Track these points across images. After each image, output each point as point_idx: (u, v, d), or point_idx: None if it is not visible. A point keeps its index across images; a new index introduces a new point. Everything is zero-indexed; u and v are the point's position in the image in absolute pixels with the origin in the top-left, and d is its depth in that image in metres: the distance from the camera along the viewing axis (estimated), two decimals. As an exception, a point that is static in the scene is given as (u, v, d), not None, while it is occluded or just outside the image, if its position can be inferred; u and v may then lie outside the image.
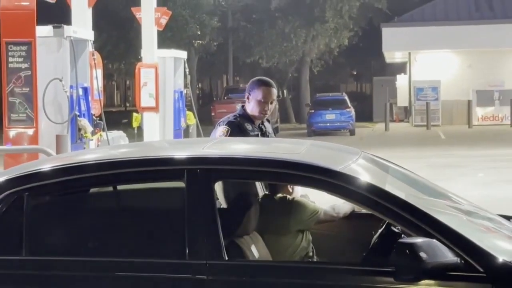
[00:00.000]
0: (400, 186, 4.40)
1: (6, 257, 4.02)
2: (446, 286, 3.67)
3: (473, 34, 34.97)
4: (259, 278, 3.89)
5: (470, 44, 35.53)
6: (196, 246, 3.87)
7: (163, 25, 20.00)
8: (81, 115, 12.90)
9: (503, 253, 3.81)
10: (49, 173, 4.25)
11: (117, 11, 36.41)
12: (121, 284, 3.92)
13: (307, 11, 38.57)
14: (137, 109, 19.09)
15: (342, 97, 35.42)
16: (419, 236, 3.73)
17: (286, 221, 4.95)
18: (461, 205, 4.61)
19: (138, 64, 19.05)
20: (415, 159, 18.82)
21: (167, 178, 4.27)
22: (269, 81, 6.09)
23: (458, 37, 35.23)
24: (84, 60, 13.41)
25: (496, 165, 17.86)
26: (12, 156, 11.24)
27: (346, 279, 3.84)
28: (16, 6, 12.07)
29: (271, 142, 5.59)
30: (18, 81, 12.14)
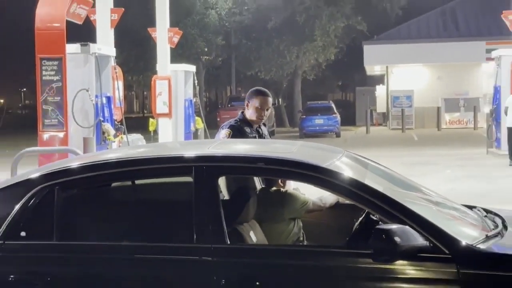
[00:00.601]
0: (378, 180, 4.40)
1: (40, 241, 4.02)
2: (417, 266, 3.66)
3: (441, 50, 34.97)
4: (257, 260, 3.88)
5: (439, 59, 35.54)
6: (203, 232, 3.86)
7: (175, 43, 20.06)
8: (105, 120, 12.91)
9: (466, 238, 3.82)
10: (76, 169, 4.26)
11: (136, 31, 36.38)
12: (138, 264, 3.91)
13: (299, 31, 38.54)
14: (153, 115, 19.13)
15: (329, 104, 35.39)
16: (394, 223, 3.73)
17: (280, 210, 4.95)
18: (431, 197, 4.61)
19: (154, 77, 19.08)
20: (392, 157, 18.83)
21: (178, 174, 4.27)
22: (265, 91, 6.08)
23: (429, 53, 35.23)
24: (107, 73, 13.43)
25: (461, 163, 17.87)
26: (45, 156, 11.25)
27: (332, 260, 3.84)
28: (48, 27, 12.07)
29: (267, 143, 5.60)
30: (50, 91, 12.14)
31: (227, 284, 3.74)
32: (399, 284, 3.67)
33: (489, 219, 4.43)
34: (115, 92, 13.67)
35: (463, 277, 3.60)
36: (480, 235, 3.94)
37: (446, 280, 3.62)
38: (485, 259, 3.68)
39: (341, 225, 5.02)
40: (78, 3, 12.73)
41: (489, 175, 15.15)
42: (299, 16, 38.00)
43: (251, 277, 3.77)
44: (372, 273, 3.70)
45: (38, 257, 3.96)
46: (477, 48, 34.37)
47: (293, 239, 4.93)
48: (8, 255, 3.95)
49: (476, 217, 4.45)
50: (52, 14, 12.12)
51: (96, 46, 12.93)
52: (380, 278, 3.69)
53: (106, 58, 13.36)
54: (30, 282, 3.87)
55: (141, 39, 35.70)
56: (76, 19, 12.85)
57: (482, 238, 3.89)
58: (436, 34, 36.99)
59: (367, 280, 3.71)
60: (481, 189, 12.98)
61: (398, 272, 3.67)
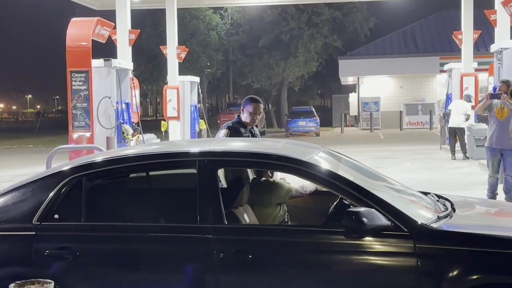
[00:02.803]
0: (350, 171, 4.40)
1: (70, 222, 4.02)
2: (381, 241, 3.68)
3: (403, 64, 35.00)
4: (249, 237, 3.89)
5: (401, 71, 35.59)
6: (205, 214, 3.87)
7: (183, 58, 20.02)
8: (124, 122, 12.88)
9: (421, 218, 3.84)
10: (100, 163, 4.26)
11: (150, 48, 36.34)
12: (151, 241, 3.90)
13: (285, 48, 38.53)
14: (165, 118, 19.08)
15: (310, 109, 35.34)
16: (362, 207, 3.75)
17: (268, 197, 4.94)
18: (393, 185, 4.62)
19: (165, 86, 19.05)
20: (362, 152, 18.84)
21: (184, 166, 4.27)
22: (257, 99, 6.06)
23: (392, 66, 35.27)
24: (126, 83, 13.40)
25: (419, 157, 17.90)
26: (74, 152, 11.23)
27: (311, 237, 3.85)
28: (77, 45, 12.05)
29: (258, 141, 5.60)
30: (79, 99, 12.12)
31: (224, 257, 3.74)
32: (366, 256, 3.69)
33: (440, 203, 4.45)
34: (132, 99, 13.64)
35: (419, 250, 3.62)
36: (433, 216, 3.97)
37: (404, 253, 3.64)
38: (437, 236, 3.70)
39: (319, 208, 5.02)
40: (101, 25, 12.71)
41: (440, 167, 15.18)
42: (285, 36, 38.00)
43: (245, 251, 3.77)
44: (344, 248, 3.71)
45: (69, 236, 3.96)
46: (432, 62, 34.42)
47: (279, 220, 4.93)
48: (44, 234, 3.95)
49: (430, 201, 4.47)
50: (80, 35, 12.10)
51: (116, 61, 12.91)
52: (351, 251, 3.70)
53: (125, 71, 13.34)
54: (62, 257, 3.87)
55: (154, 55, 35.70)
56: (100, 39, 12.83)
57: (434, 219, 3.91)
58: (398, 50, 37.00)
59: (340, 253, 3.73)
60: (434, 178, 13.01)
61: (365, 246, 3.68)
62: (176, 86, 18.58)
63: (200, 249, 3.80)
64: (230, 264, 3.76)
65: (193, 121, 19.31)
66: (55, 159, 8.69)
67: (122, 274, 3.87)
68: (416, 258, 3.60)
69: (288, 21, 37.93)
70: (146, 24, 35.20)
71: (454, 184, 12.05)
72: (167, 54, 19.15)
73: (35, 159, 18.54)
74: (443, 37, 35.52)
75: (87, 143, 11.76)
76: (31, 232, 3.94)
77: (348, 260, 3.71)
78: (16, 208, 4.06)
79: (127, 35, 14.89)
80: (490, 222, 4.42)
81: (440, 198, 4.61)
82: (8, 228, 3.99)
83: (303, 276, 3.75)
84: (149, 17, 35.93)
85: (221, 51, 40.28)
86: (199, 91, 19.92)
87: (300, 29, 37.84)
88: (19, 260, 3.90)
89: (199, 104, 20.12)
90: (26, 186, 4.15)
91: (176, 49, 19.07)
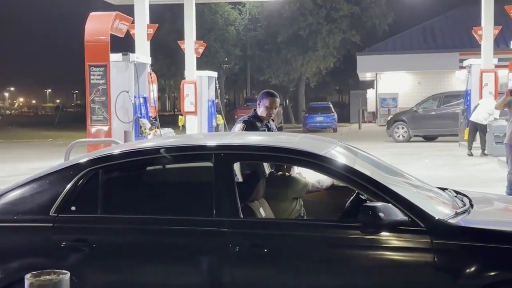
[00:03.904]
0: (366, 166, 4.36)
1: (87, 214, 4.03)
2: (398, 237, 3.65)
3: (422, 60, 34.75)
4: (265, 231, 3.87)
5: (419, 67, 35.33)
6: (221, 208, 3.86)
7: (200, 53, 20.05)
8: (142, 116, 12.93)
9: (439, 214, 3.81)
10: (117, 156, 4.26)
11: (168, 43, 36.44)
12: (167, 234, 3.91)
13: (303, 43, 38.45)
14: (182, 113, 19.12)
15: (328, 105, 35.26)
16: (379, 202, 3.72)
17: (285, 191, 4.92)
18: (411, 180, 4.58)
19: (182, 81, 19.08)
20: (380, 148, 18.76)
21: (200, 159, 4.25)
22: (274, 93, 6.05)
23: (411, 62, 35.03)
24: (144, 78, 13.45)
25: (437, 153, 17.78)
26: (92, 146, 11.30)
27: (327, 231, 3.82)
28: (96, 39, 12.11)
29: (274, 135, 5.59)
30: (97, 93, 12.19)
31: (240, 251, 3.74)
32: (382, 251, 3.66)
33: (458, 199, 4.40)
34: (150, 93, 13.68)
35: (436, 246, 3.59)
36: (451, 212, 3.93)
37: (421, 248, 3.61)
38: (454, 232, 3.67)
39: (335, 203, 5.00)
40: (120, 20, 12.75)
41: (459, 163, 15.07)
42: (303, 31, 37.90)
43: (260, 245, 3.76)
44: (360, 243, 3.69)
45: (85, 228, 3.97)
46: (452, 58, 34.13)
47: (295, 215, 4.91)
48: (61, 226, 3.96)
49: (448, 197, 4.42)
50: (98, 29, 12.16)
51: (135, 55, 12.96)
52: (367, 246, 3.68)
53: (143, 65, 13.38)
54: (78, 248, 3.88)
55: (172, 50, 35.77)
56: (118, 33, 12.88)
57: (452, 214, 3.87)
58: (417, 46, 36.74)
59: (356, 248, 3.70)
60: (453, 175, 12.91)
61: (382, 242, 3.66)
62: (194, 81, 18.60)
63: (216, 243, 3.80)
64: (245, 258, 3.75)
65: (210, 116, 19.33)
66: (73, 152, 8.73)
67: (137, 267, 3.88)
68: (432, 254, 3.57)
69: (306, 16, 37.82)
70: (164, 19, 35.29)
71: (472, 180, 11.95)
72: (185, 49, 19.18)
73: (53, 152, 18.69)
74: (462, 32, 35.16)
75: (105, 137, 11.83)
76: (48, 223, 3.96)
77: (364, 255, 3.68)
78: (33, 200, 4.08)
79: (145, 29, 14.95)
80: (509, 219, 4.38)
81: (458, 194, 4.57)
82: (26, 219, 4.01)
83: (318, 270, 3.74)
84: (167, 12, 36.03)
85: (239, 46, 40.33)
86: (216, 86, 19.93)
87: (318, 24, 37.73)
88: (36, 251, 3.92)
89: (217, 99, 20.13)
90: (43, 178, 4.17)
91: (194, 44, 19.09)
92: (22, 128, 39.80)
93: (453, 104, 22.37)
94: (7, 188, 4.26)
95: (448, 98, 23.18)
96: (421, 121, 22.64)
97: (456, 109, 21.56)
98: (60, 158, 9.31)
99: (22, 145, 25.57)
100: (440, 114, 22.35)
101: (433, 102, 23.45)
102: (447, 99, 23.13)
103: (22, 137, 30.41)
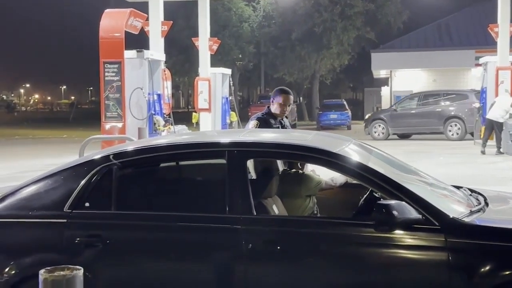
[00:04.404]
0: (380, 164, 4.34)
1: (101, 211, 4.04)
2: (411, 235, 3.63)
3: (437, 57, 34.53)
4: (278, 228, 3.87)
5: (435, 64, 35.10)
6: (234, 205, 3.86)
7: (214, 50, 20.05)
8: (156, 113, 12.97)
9: (453, 212, 3.78)
10: (131, 152, 4.27)
11: (182, 40, 36.50)
12: (180, 230, 3.91)
13: (318, 40, 38.36)
14: (196, 110, 19.17)
15: (342, 102, 35.18)
16: (392, 200, 3.70)
17: (298, 188, 4.91)
18: (425, 178, 4.55)
19: (196, 78, 19.12)
20: (393, 146, 18.68)
21: (214, 156, 4.25)
22: (287, 90, 6.04)
23: (426, 59, 34.82)
24: (158, 74, 13.49)
25: (452, 151, 17.68)
26: (107, 142, 11.34)
27: (341, 229, 3.81)
28: (110, 36, 12.16)
29: (288, 132, 5.57)
30: (111, 89, 12.24)
31: (253, 248, 3.73)
32: (396, 250, 3.64)
33: (473, 197, 4.38)
34: (164, 90, 13.72)
35: (450, 244, 3.56)
36: (465, 210, 3.90)
37: (435, 247, 3.59)
38: (469, 230, 3.64)
39: (349, 201, 4.99)
40: (134, 17, 12.79)
41: (474, 161, 14.97)
42: (318, 28, 37.80)
43: (273, 242, 3.76)
44: (374, 241, 3.67)
45: (99, 224, 3.99)
46: (467, 55, 33.86)
47: (308, 212, 4.90)
48: (75, 222, 3.98)
49: (463, 195, 4.40)
50: (113, 26, 12.20)
51: (149, 52, 13.00)
52: (381, 244, 3.66)
53: (157, 62, 13.42)
54: (92, 244, 3.90)
55: (186, 46, 35.85)
56: (132, 30, 12.93)
57: (467, 213, 3.85)
58: (433, 43, 36.51)
59: (370, 246, 3.69)
60: (468, 173, 12.83)
61: (395, 240, 3.64)
62: (208, 78, 18.62)
63: (229, 240, 3.80)
64: (258, 255, 3.75)
65: (224, 113, 19.35)
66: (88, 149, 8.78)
67: (150, 263, 3.89)
68: (447, 252, 3.55)
69: (321, 13, 37.73)
70: (178, 16, 35.35)
71: (488, 179, 11.86)
72: (199, 46, 19.20)
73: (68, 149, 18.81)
74: (478, 30, 34.91)
75: (119, 134, 11.88)
76: (62, 219, 3.98)
77: (378, 253, 3.67)
78: (48, 196, 4.10)
79: (160, 26, 14.98)
80: (524, 218, 4.33)
81: (473, 192, 4.54)
82: (40, 215, 4.03)
83: (331, 268, 3.73)
84: (181, 9, 36.07)
85: (253, 43, 40.29)
86: (230, 83, 19.94)
87: (333, 21, 37.63)
88: (50, 247, 3.94)
89: (231, 96, 20.13)
90: (58, 174, 4.19)
91: (208, 41, 19.10)
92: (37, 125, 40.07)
93: (431, 103, 23.05)
94: (21, 184, 4.29)
95: (426, 97, 23.83)
96: (400, 119, 23.16)
97: (436, 108, 22.45)
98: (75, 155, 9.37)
99: (37, 142, 25.75)
100: (418, 113, 22.94)
101: (412, 102, 24.05)
102: (425, 98, 23.74)
103: (37, 133, 30.63)
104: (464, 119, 21.86)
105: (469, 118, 21.35)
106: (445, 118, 22.20)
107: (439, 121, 22.25)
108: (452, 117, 22.14)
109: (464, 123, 21.84)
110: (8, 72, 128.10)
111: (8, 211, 4.10)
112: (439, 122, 22.25)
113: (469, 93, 22.93)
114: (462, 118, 21.97)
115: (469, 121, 21.41)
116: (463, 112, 22.01)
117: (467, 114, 21.75)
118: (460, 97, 22.92)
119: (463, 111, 22.03)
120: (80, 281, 2.70)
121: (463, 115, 21.98)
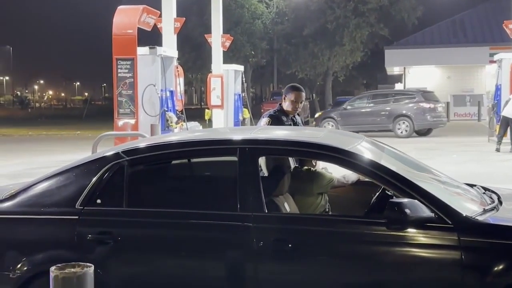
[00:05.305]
0: (393, 162, 4.31)
1: (112, 208, 4.04)
2: (424, 233, 3.61)
3: (451, 54, 34.36)
4: (289, 226, 3.85)
5: (449, 61, 34.92)
6: (245, 203, 3.85)
7: (227, 47, 20.03)
8: (168, 110, 12.97)
9: (466, 210, 3.75)
10: (143, 149, 4.27)
11: (195, 37, 36.52)
12: (191, 227, 3.91)
13: (330, 37, 38.21)
14: (208, 106, 19.16)
15: (355, 99, 35.01)
16: (405, 198, 3.67)
17: (310, 186, 4.90)
18: (438, 176, 4.52)
19: (209, 75, 19.11)
20: (406, 143, 18.58)
21: (225, 154, 4.25)
22: (299, 87, 6.02)
23: (440, 56, 34.65)
24: (171, 71, 13.48)
25: (466, 149, 17.55)
26: (119, 139, 11.36)
27: (353, 227, 3.80)
28: (123, 33, 12.16)
29: (300, 129, 5.56)
30: (124, 86, 12.25)
31: (264, 246, 3.72)
32: (408, 248, 3.62)
33: (486, 195, 4.34)
34: (177, 87, 13.71)
35: (463, 243, 3.54)
36: (479, 209, 3.88)
37: (448, 245, 3.56)
38: (482, 229, 3.62)
39: (361, 199, 4.97)
40: (147, 13, 12.80)
41: (488, 159, 14.85)
42: (330, 25, 37.65)
43: (285, 240, 3.74)
44: (386, 239, 3.65)
45: (110, 221, 3.99)
46: (482, 52, 33.62)
47: (320, 210, 4.89)
48: (87, 218, 3.99)
49: (476, 193, 4.37)
50: (126, 22, 12.21)
51: (162, 49, 12.99)
52: (393, 243, 3.64)
53: (170, 59, 13.41)
54: (103, 241, 3.91)
55: (199, 43, 35.86)
56: (145, 27, 12.93)
57: (480, 211, 3.82)
58: (447, 40, 36.29)
59: (382, 244, 3.67)
60: (482, 171, 12.72)
61: (408, 238, 3.62)
62: (220, 75, 18.61)
63: (240, 237, 3.79)
64: (269, 253, 3.74)
65: (236, 110, 19.32)
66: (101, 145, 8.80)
67: (161, 260, 3.89)
68: (460, 251, 3.52)
69: (334, 9, 37.56)
70: (191, 13, 35.35)
71: (502, 177, 11.76)
72: (211, 42, 19.18)
73: (81, 145, 18.89)
74: (493, 26, 34.64)
75: (131, 130, 11.89)
76: (74, 216, 3.99)
77: (390, 251, 3.65)
78: (59, 193, 4.11)
79: (172, 23, 14.96)
80: (539, 217, 4.28)
81: (487, 191, 4.50)
82: (52, 212, 4.05)
83: (343, 266, 3.72)
84: (194, 6, 36.09)
85: (266, 40, 40.21)
86: (243, 80, 19.91)
87: (346, 18, 37.43)
88: (61, 244, 3.95)
89: (243, 93, 20.11)
90: (69, 171, 4.20)
91: (221, 38, 19.08)
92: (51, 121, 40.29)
93: (380, 102, 23.75)
94: (34, 180, 4.31)
95: (375, 97, 24.64)
96: (350, 118, 23.65)
97: (386, 107, 23.26)
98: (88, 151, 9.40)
99: (50, 138, 25.90)
100: (368, 112, 23.52)
101: (361, 101, 24.69)
102: (374, 97, 24.52)
103: (51, 130, 30.79)
104: (412, 117, 22.63)
105: (417, 117, 22.46)
106: (394, 116, 22.86)
107: (388, 119, 22.96)
108: (400, 115, 22.83)
109: (412, 121, 22.61)
110: (22, 68, 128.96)
111: (20, 207, 4.12)
112: (388, 120, 22.97)
113: (416, 93, 23.81)
114: (410, 117, 22.69)
115: (416, 119, 22.47)
116: (411, 111, 22.77)
117: (415, 113, 22.63)
118: (408, 97, 23.71)
119: (412, 110, 22.80)
120: (91, 278, 2.70)
121: (411, 114, 22.72)
